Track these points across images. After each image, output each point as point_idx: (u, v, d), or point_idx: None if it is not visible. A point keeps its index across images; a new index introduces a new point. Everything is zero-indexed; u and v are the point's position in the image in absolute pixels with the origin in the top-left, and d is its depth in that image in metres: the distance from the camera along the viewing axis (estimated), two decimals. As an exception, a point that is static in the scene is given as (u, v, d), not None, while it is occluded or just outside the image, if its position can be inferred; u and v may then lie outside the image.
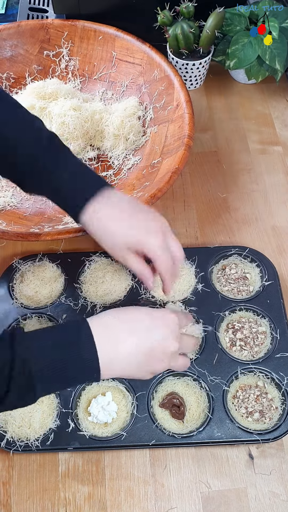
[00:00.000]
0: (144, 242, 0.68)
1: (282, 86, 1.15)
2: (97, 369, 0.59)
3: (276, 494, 0.71)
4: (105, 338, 0.60)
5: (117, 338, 0.61)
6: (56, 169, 0.70)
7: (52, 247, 0.92)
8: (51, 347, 0.59)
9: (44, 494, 0.72)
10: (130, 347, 0.61)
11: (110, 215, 0.69)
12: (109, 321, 0.62)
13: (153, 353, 0.62)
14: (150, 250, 0.68)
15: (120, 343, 0.61)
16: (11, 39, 1.06)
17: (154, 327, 0.63)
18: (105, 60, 1.07)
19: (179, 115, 0.93)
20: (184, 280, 0.86)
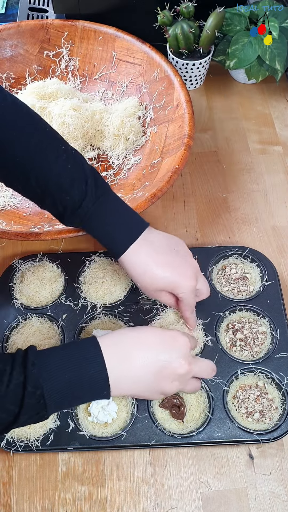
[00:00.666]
0: (178, 287, 0.73)
1: (282, 86, 1.15)
2: (107, 387, 0.61)
3: (276, 494, 0.71)
4: (115, 358, 0.62)
5: (127, 357, 0.63)
6: (102, 212, 0.72)
7: (52, 247, 0.92)
8: (62, 367, 0.60)
9: (44, 494, 0.72)
10: (139, 366, 0.63)
11: (148, 259, 0.73)
12: (119, 341, 0.64)
13: (162, 374, 0.64)
14: (181, 293, 0.74)
15: (130, 362, 0.63)
16: (11, 39, 1.06)
17: (164, 348, 0.65)
18: (105, 60, 1.07)
19: (179, 115, 0.93)
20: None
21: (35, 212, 0.94)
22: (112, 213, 0.73)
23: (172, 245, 0.75)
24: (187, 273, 0.73)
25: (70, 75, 1.09)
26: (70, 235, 0.81)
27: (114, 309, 0.83)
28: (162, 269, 0.73)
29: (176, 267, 0.73)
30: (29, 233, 0.83)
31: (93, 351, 0.62)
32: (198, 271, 0.76)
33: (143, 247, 0.73)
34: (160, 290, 0.74)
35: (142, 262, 0.73)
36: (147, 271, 0.73)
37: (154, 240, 0.74)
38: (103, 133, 1.01)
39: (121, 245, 0.73)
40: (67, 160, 0.71)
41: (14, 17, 1.22)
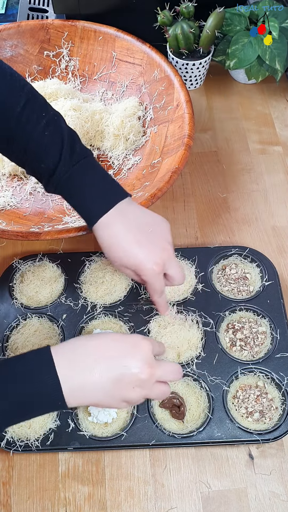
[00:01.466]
0: (141, 269, 0.71)
1: (282, 86, 1.15)
2: (60, 398, 0.58)
3: (276, 494, 0.71)
4: (68, 366, 0.58)
5: (82, 365, 0.59)
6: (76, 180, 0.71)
7: (52, 247, 0.92)
8: (11, 380, 0.57)
9: (44, 494, 0.72)
10: (96, 374, 0.59)
11: (118, 233, 0.71)
12: (73, 349, 0.61)
13: (121, 381, 0.60)
14: (143, 276, 0.72)
15: (86, 371, 0.59)
16: (11, 39, 1.06)
17: (123, 353, 0.61)
18: (105, 61, 1.07)
19: (179, 115, 0.93)
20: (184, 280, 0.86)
21: (35, 212, 0.94)
22: (87, 182, 0.72)
23: (149, 224, 0.73)
24: (153, 257, 0.71)
25: (70, 75, 1.09)
26: (70, 235, 0.81)
27: (114, 309, 0.83)
28: (129, 245, 0.70)
29: (145, 246, 0.71)
30: (29, 233, 0.83)
31: (44, 362, 0.58)
32: (170, 256, 0.73)
33: (116, 220, 0.71)
34: (125, 266, 0.73)
35: (112, 234, 0.71)
36: (114, 245, 0.71)
37: (129, 214, 0.72)
38: (103, 133, 1.01)
39: (94, 215, 0.71)
40: (46, 126, 0.71)
41: (14, 17, 1.22)
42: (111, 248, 0.72)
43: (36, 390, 0.58)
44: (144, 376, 0.61)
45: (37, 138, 0.71)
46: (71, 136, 0.73)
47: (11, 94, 0.70)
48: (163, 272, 0.73)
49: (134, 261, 0.71)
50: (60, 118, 0.74)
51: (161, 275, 0.73)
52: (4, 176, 0.98)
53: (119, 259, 0.72)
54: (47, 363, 0.58)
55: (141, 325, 0.82)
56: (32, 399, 0.58)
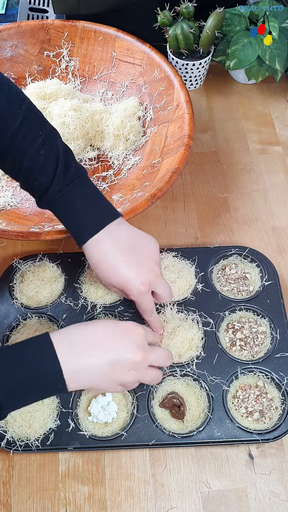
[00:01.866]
0: (128, 289, 0.73)
1: (282, 86, 1.15)
2: (61, 380, 0.61)
3: (276, 494, 0.71)
4: (68, 350, 0.62)
5: (80, 349, 0.63)
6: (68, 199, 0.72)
7: (52, 247, 0.92)
8: (13, 366, 0.60)
9: (44, 494, 0.72)
10: (93, 357, 0.63)
11: (106, 253, 0.72)
12: (71, 334, 0.64)
13: (118, 363, 0.64)
14: (131, 295, 0.73)
15: (84, 354, 0.63)
16: (11, 40, 1.06)
17: (119, 338, 0.65)
18: (105, 61, 1.07)
19: (179, 115, 0.93)
20: (184, 280, 0.86)
21: (35, 212, 0.94)
22: (79, 202, 0.73)
23: (137, 245, 0.74)
24: (140, 277, 0.72)
25: (70, 76, 1.09)
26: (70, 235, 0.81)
27: (114, 309, 0.83)
28: (117, 265, 0.72)
29: (132, 267, 0.72)
30: (29, 233, 0.83)
31: (45, 347, 0.61)
32: (157, 276, 0.74)
33: (105, 241, 0.72)
34: (112, 285, 0.74)
35: (100, 252, 0.72)
36: (102, 263, 0.72)
37: (119, 235, 0.73)
38: (103, 134, 1.01)
39: (84, 235, 0.72)
40: (41, 145, 0.72)
41: (14, 17, 1.22)
42: (100, 266, 0.73)
43: (38, 374, 0.60)
44: (138, 359, 0.65)
45: (32, 156, 0.71)
46: (66, 155, 0.74)
47: (9, 109, 0.71)
48: (149, 291, 0.74)
49: (121, 280, 0.72)
50: (56, 135, 0.74)
51: (148, 294, 0.74)
52: (4, 176, 0.98)
53: (107, 277, 0.73)
54: (47, 348, 0.61)
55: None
56: (35, 383, 0.60)
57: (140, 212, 0.82)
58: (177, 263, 0.88)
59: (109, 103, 1.06)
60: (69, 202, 0.72)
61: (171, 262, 0.88)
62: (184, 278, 0.86)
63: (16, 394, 0.60)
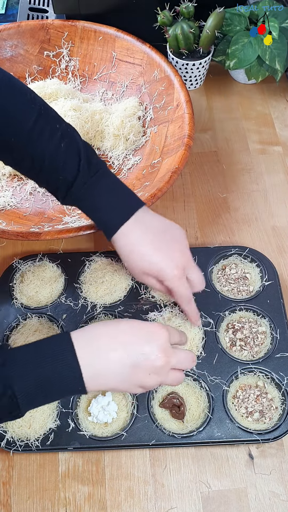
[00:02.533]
0: (163, 274, 0.72)
1: (282, 86, 1.15)
2: (81, 382, 0.59)
3: (276, 494, 0.71)
4: (89, 352, 0.60)
5: (102, 351, 0.61)
6: (94, 191, 0.72)
7: (52, 247, 0.92)
8: (33, 364, 0.59)
9: (44, 494, 0.72)
10: (115, 361, 0.61)
11: (137, 240, 0.72)
12: (94, 335, 0.62)
13: (138, 367, 0.62)
14: (167, 281, 0.72)
15: (105, 356, 0.61)
16: (11, 39, 1.06)
17: (141, 340, 0.63)
18: (105, 61, 1.07)
19: (179, 115, 0.93)
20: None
21: (35, 212, 0.94)
22: (104, 193, 0.72)
23: (166, 231, 0.74)
24: (174, 261, 0.72)
25: (70, 75, 1.09)
26: (70, 235, 0.81)
27: (114, 309, 0.83)
28: (148, 251, 0.71)
29: (164, 252, 0.72)
30: (29, 233, 0.83)
31: (65, 347, 0.60)
32: (189, 261, 0.74)
33: (135, 228, 0.72)
34: (146, 273, 0.73)
35: (130, 242, 0.72)
36: (133, 252, 0.72)
37: (147, 222, 0.73)
38: (103, 133, 1.01)
39: (113, 226, 0.72)
40: (61, 139, 0.71)
41: (14, 17, 1.22)
42: (131, 256, 0.72)
43: (58, 375, 0.59)
44: (160, 364, 0.62)
45: (52, 151, 0.71)
46: (87, 148, 0.73)
47: (23, 107, 0.70)
48: (185, 276, 0.73)
49: (155, 267, 0.71)
50: (73, 129, 0.74)
51: (184, 279, 0.73)
52: (4, 176, 0.98)
53: (140, 266, 0.72)
54: (68, 349, 0.60)
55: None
56: (54, 384, 0.59)
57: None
58: (177, 263, 0.88)
59: (109, 103, 1.06)
60: (96, 194, 0.72)
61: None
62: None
63: (34, 396, 0.59)
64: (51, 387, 0.59)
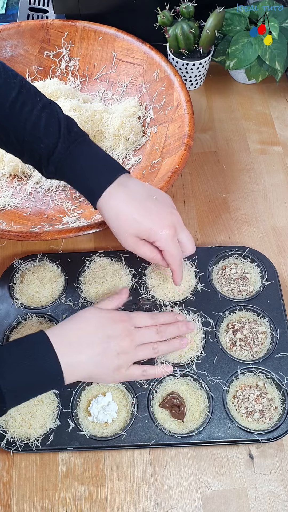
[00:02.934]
0: (154, 233, 0.71)
1: (282, 86, 1.15)
2: (60, 373, 0.64)
3: (276, 494, 0.71)
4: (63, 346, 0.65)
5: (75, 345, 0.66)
6: (76, 157, 0.72)
7: (52, 247, 0.92)
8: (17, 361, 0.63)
9: (44, 494, 0.72)
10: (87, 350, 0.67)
11: (124, 202, 0.71)
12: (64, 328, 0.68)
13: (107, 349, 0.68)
14: (159, 241, 0.72)
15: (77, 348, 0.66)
16: (11, 40, 1.06)
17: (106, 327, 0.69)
18: (105, 61, 1.07)
19: (179, 115, 0.93)
20: (184, 280, 0.86)
21: (35, 212, 0.94)
22: (87, 159, 0.73)
23: (152, 193, 0.74)
24: (164, 221, 0.71)
25: (70, 75, 1.09)
26: (70, 235, 0.81)
27: (114, 309, 0.83)
28: (136, 213, 0.71)
29: (153, 213, 0.71)
30: (29, 233, 0.83)
31: (44, 343, 0.65)
32: (178, 222, 0.73)
33: (119, 192, 0.72)
34: (136, 236, 0.72)
35: (116, 205, 0.71)
36: (121, 214, 0.71)
37: (131, 186, 0.73)
38: (103, 133, 1.01)
39: (97, 191, 0.72)
40: (42, 109, 0.73)
41: (14, 17, 1.22)
42: (119, 219, 0.72)
43: (39, 371, 0.64)
44: (125, 342, 0.69)
45: (34, 120, 0.72)
46: (67, 118, 0.75)
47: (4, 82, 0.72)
48: (176, 236, 0.73)
49: (145, 227, 0.71)
50: (54, 103, 0.76)
51: (175, 238, 0.73)
52: (4, 176, 0.98)
53: (129, 229, 0.72)
54: (45, 344, 0.65)
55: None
56: (36, 379, 0.64)
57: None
58: (177, 263, 0.88)
59: (109, 103, 1.06)
60: (77, 161, 0.72)
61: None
62: (184, 278, 0.86)
63: (18, 389, 0.63)
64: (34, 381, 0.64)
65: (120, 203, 0.71)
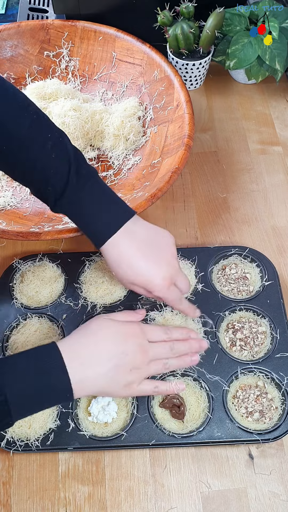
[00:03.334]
0: (151, 286, 0.73)
1: (282, 86, 1.15)
2: (69, 390, 0.63)
3: (276, 494, 0.71)
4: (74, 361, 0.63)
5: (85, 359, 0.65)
6: (83, 201, 0.72)
7: (52, 247, 0.92)
8: (25, 374, 0.62)
9: (44, 494, 0.72)
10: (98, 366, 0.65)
11: (125, 251, 0.72)
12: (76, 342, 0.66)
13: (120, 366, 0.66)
14: (155, 292, 0.73)
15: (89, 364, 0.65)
16: (11, 40, 1.06)
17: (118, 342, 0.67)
18: (105, 61, 1.07)
19: (179, 115, 0.93)
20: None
21: (35, 212, 0.94)
22: (94, 204, 0.73)
23: (154, 241, 0.74)
24: (161, 272, 0.72)
25: (70, 76, 1.09)
26: (70, 235, 0.81)
27: (114, 309, 0.83)
28: (136, 263, 0.72)
29: (151, 263, 0.72)
30: (29, 233, 0.83)
31: (53, 356, 0.63)
32: (176, 270, 0.75)
33: (123, 240, 0.72)
34: (134, 284, 0.74)
35: (118, 253, 0.72)
36: (121, 263, 0.72)
37: (135, 234, 0.73)
38: (103, 134, 1.01)
39: (102, 236, 0.72)
40: (52, 149, 0.71)
41: (14, 17, 1.22)
42: (120, 266, 0.73)
43: (48, 385, 0.62)
44: (138, 359, 0.67)
45: (43, 161, 0.71)
46: (77, 156, 0.73)
47: (16, 114, 0.70)
48: (172, 285, 0.74)
49: (143, 279, 0.73)
50: (64, 137, 0.74)
51: (172, 287, 0.74)
52: (4, 176, 0.98)
53: (128, 277, 0.73)
54: (56, 359, 0.63)
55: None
56: (44, 393, 0.62)
57: (140, 212, 0.82)
58: (177, 263, 0.88)
59: (109, 103, 1.06)
60: (85, 205, 0.72)
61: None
62: (184, 278, 0.86)
63: (25, 403, 0.62)
64: (41, 395, 0.62)
65: (122, 252, 0.72)
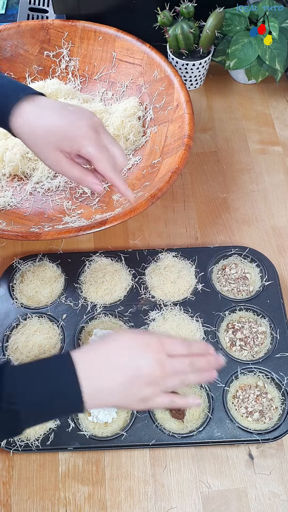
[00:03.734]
0: (75, 139, 0.66)
1: (282, 86, 1.15)
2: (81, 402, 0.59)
3: (276, 494, 0.71)
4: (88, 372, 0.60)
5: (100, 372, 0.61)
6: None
7: (52, 247, 0.92)
8: (36, 383, 0.59)
9: (44, 494, 0.72)
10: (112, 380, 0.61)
11: (38, 115, 0.66)
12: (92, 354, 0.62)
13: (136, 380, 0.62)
14: (83, 148, 0.66)
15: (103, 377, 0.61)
16: (11, 39, 1.06)
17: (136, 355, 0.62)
18: (105, 61, 1.07)
19: (179, 115, 0.93)
20: (184, 280, 0.86)
21: (35, 212, 0.94)
22: None
23: (66, 105, 0.69)
24: (83, 122, 0.66)
25: (70, 76, 1.09)
26: (70, 235, 0.81)
27: (114, 309, 0.83)
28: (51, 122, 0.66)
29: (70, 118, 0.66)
30: (29, 233, 0.83)
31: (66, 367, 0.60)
32: (100, 124, 0.68)
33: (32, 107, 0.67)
34: (57, 150, 0.67)
35: (29, 120, 0.66)
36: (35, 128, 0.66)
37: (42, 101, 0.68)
38: (103, 133, 1.01)
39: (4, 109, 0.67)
40: None
41: (14, 17, 1.22)
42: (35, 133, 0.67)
43: (59, 394, 0.59)
44: (155, 374, 0.62)
45: None
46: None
47: None
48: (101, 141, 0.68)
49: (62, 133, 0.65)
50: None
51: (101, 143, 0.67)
52: (4, 176, 0.98)
53: (46, 139, 0.66)
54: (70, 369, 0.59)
55: (141, 325, 0.82)
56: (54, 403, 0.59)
57: (140, 212, 0.82)
58: (177, 263, 0.88)
59: (109, 103, 1.06)
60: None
61: (171, 262, 0.88)
62: (184, 278, 0.86)
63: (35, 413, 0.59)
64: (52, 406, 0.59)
65: (33, 117, 0.66)
